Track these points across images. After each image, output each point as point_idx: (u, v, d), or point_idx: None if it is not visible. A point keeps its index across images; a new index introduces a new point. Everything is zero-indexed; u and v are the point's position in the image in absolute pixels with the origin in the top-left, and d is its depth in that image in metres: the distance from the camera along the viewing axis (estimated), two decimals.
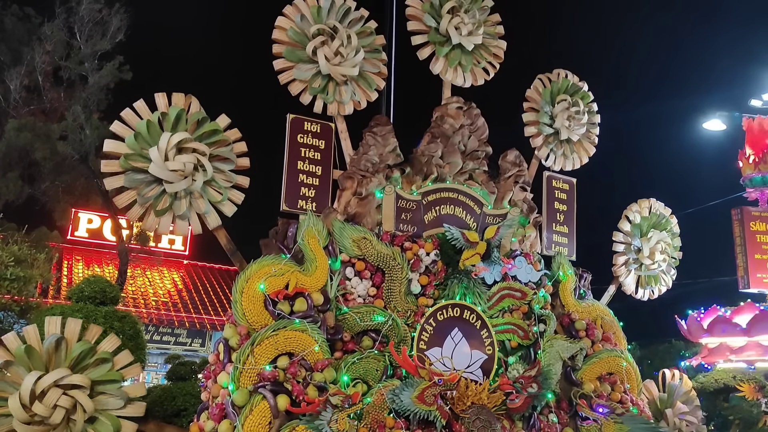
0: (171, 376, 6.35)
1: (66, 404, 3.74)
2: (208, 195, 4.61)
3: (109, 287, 5.52)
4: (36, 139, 11.65)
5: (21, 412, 3.64)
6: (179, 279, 21.19)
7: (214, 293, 20.70)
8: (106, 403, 4.00)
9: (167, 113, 4.44)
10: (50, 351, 3.86)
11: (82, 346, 3.91)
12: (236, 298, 4.26)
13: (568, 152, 6.28)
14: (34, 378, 3.68)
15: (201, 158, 4.43)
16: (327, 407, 3.92)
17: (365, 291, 4.88)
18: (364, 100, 5.41)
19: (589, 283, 6.04)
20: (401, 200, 5.26)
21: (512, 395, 4.60)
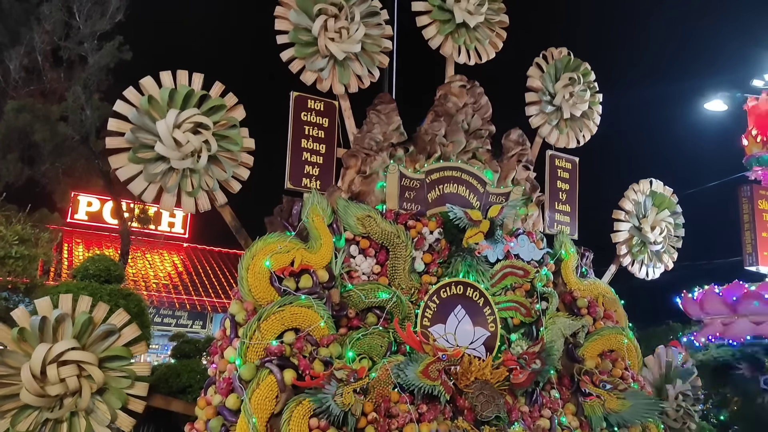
0: (176, 354, 6.41)
1: (70, 372, 3.78)
2: (214, 172, 4.62)
3: (114, 266, 5.55)
4: (35, 121, 11.60)
5: (32, 383, 3.67)
6: (179, 262, 21.23)
7: (214, 275, 20.75)
8: (115, 382, 4.04)
9: (175, 90, 4.43)
10: (58, 325, 3.90)
11: (89, 320, 3.95)
12: (242, 275, 4.29)
13: (570, 129, 6.29)
14: (45, 349, 3.72)
15: (207, 135, 4.44)
16: (332, 381, 3.96)
17: (369, 268, 4.91)
18: (367, 79, 5.40)
19: (590, 261, 6.08)
20: (405, 179, 5.27)
21: (516, 371, 4.65)
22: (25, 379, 3.68)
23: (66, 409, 3.80)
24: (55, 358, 3.76)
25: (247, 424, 3.72)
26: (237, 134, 4.72)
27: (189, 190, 4.58)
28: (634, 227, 6.38)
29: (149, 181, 4.43)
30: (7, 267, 5.35)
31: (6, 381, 3.79)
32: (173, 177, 4.48)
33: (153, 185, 4.50)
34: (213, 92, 4.67)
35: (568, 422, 4.98)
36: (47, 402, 3.77)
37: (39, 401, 3.72)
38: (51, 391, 3.73)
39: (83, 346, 3.94)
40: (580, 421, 5.06)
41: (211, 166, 4.61)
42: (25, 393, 3.70)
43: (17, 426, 3.70)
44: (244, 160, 4.78)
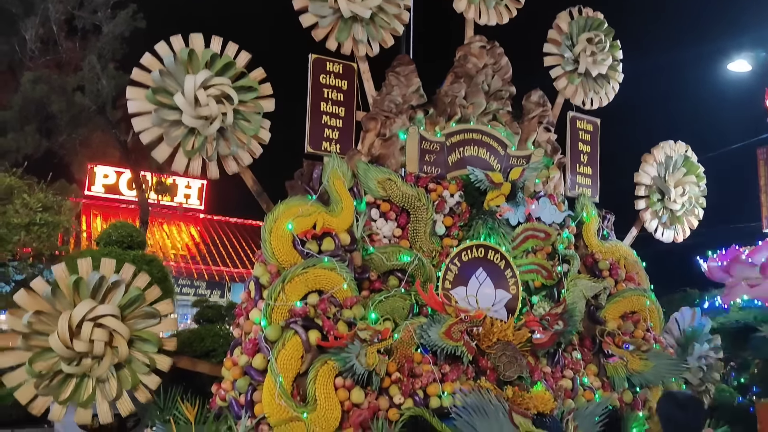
0: (198, 319, 6.48)
1: (101, 336, 3.84)
2: (234, 136, 4.61)
3: (136, 232, 5.60)
4: (52, 92, 11.62)
5: (64, 350, 3.74)
6: (196, 233, 21.41)
7: (231, 246, 20.92)
8: (143, 324, 4.10)
9: (195, 52, 4.41)
10: (95, 289, 3.97)
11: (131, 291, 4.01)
12: (265, 238, 4.31)
13: (591, 88, 6.18)
14: (67, 316, 3.78)
15: (227, 99, 4.42)
16: (355, 341, 3.99)
17: (390, 232, 4.90)
18: (386, 40, 5.32)
19: (612, 224, 6.03)
20: (425, 142, 5.23)
21: (538, 331, 4.66)
22: (54, 345, 3.75)
23: (81, 369, 3.85)
24: (94, 318, 3.82)
25: (274, 383, 3.77)
26: (249, 79, 4.68)
27: (209, 155, 4.57)
28: (656, 189, 6.30)
29: (170, 145, 4.42)
30: (32, 234, 5.42)
31: (45, 321, 3.87)
32: (194, 141, 4.47)
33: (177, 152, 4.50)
34: (233, 56, 4.64)
35: (590, 383, 5.00)
36: (69, 354, 3.83)
37: (65, 352, 3.78)
38: (76, 346, 3.79)
39: (124, 317, 4.03)
40: (602, 382, 5.08)
41: (232, 130, 4.59)
42: (54, 339, 3.76)
43: (34, 364, 3.77)
44: (266, 102, 4.74)
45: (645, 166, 6.33)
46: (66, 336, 3.73)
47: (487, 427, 4.07)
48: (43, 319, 3.88)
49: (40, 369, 3.79)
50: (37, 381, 3.79)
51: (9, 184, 5.72)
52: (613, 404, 4.87)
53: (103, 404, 3.98)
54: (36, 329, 3.87)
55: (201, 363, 4.63)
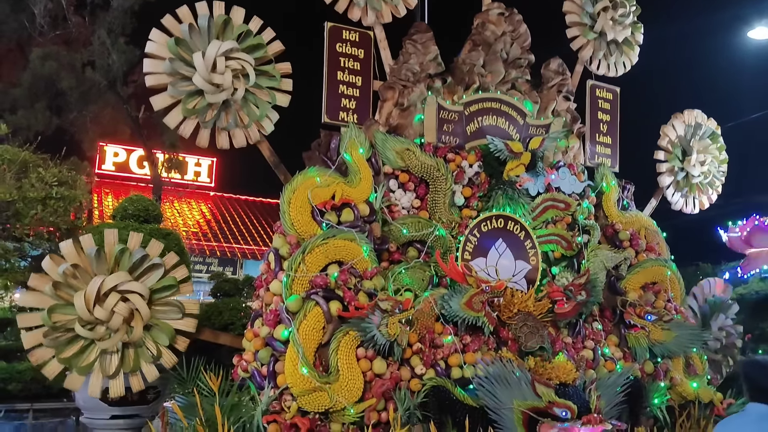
0: (216, 293, 6.48)
1: (123, 310, 3.84)
2: (251, 107, 4.55)
3: (152, 206, 5.55)
4: (61, 68, 11.53)
5: (85, 311, 3.73)
6: (207, 210, 21.42)
7: (242, 223, 20.94)
8: (164, 314, 4.10)
9: (231, 22, 4.36)
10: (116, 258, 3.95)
11: (139, 252, 3.98)
12: (284, 209, 4.26)
13: (612, 55, 6.05)
14: (99, 280, 3.77)
15: (246, 68, 4.35)
16: (376, 311, 3.95)
17: (409, 203, 4.85)
18: (402, 7, 5.21)
19: (632, 194, 5.95)
20: (443, 111, 5.15)
21: (561, 301, 4.62)
22: (78, 306, 3.74)
23: (92, 335, 3.85)
24: (123, 292, 3.82)
25: (296, 353, 3.75)
26: (274, 68, 4.62)
27: (224, 125, 4.52)
28: (677, 158, 6.20)
29: (186, 115, 4.37)
30: (49, 208, 5.40)
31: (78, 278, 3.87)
32: (210, 112, 4.41)
33: (190, 120, 4.44)
34: (267, 41, 4.58)
35: (611, 353, 4.97)
36: (97, 333, 3.83)
37: (84, 314, 3.78)
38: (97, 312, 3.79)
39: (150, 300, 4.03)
40: (623, 352, 5.04)
41: (248, 101, 4.52)
42: (79, 297, 3.77)
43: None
44: (281, 96, 4.68)
45: (669, 130, 6.22)
46: (92, 298, 3.73)
47: (509, 396, 4.04)
48: (78, 276, 3.88)
49: (55, 320, 3.78)
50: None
51: (24, 158, 5.70)
52: (635, 374, 4.84)
53: (117, 378, 4.00)
54: (68, 282, 3.86)
55: (223, 335, 4.62)
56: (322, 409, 3.67)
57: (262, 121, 4.65)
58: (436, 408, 4.08)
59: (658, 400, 4.89)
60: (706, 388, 5.17)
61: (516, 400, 4.01)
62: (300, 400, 3.66)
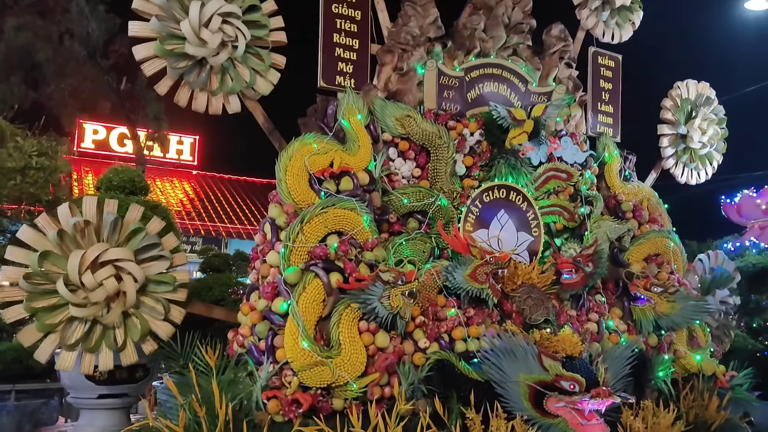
0: (205, 268, 6.26)
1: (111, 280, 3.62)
2: (244, 70, 4.31)
3: (138, 177, 5.31)
4: (37, 39, 11.07)
5: (75, 273, 3.51)
6: (190, 189, 21.07)
7: (226, 202, 20.64)
8: (156, 288, 3.90)
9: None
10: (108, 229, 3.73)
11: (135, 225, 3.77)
12: (280, 177, 4.05)
13: (614, 20, 5.86)
14: (79, 254, 3.55)
15: (238, 30, 4.10)
16: (377, 283, 3.77)
17: (410, 172, 4.66)
18: None
19: (633, 165, 5.82)
20: (443, 76, 4.94)
21: (568, 272, 4.49)
22: (70, 264, 3.52)
23: (91, 312, 3.64)
24: (94, 261, 3.59)
25: (297, 327, 3.57)
26: (267, 32, 4.38)
27: (214, 89, 4.28)
28: (679, 126, 6.08)
29: (173, 76, 4.12)
30: (29, 178, 5.12)
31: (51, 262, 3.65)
32: (197, 72, 4.17)
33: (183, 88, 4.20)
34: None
35: (615, 326, 4.86)
36: (92, 311, 3.62)
37: (83, 311, 3.57)
38: (92, 297, 3.57)
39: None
40: (627, 325, 4.94)
41: (242, 63, 4.28)
42: (60, 283, 3.55)
43: (32, 302, 3.56)
44: (276, 60, 4.44)
45: (666, 102, 6.09)
46: (76, 277, 3.50)
47: (515, 370, 3.91)
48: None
49: (39, 306, 3.56)
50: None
51: (0, 127, 5.40)
52: (639, 347, 4.74)
53: (106, 354, 3.79)
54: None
55: (216, 308, 4.43)
56: (324, 384, 3.51)
57: (254, 86, 4.41)
58: (440, 382, 3.94)
59: (662, 372, 4.79)
60: (709, 360, 5.10)
61: (522, 373, 3.89)
62: (301, 375, 3.49)
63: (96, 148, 20.91)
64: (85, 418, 4.99)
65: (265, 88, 4.40)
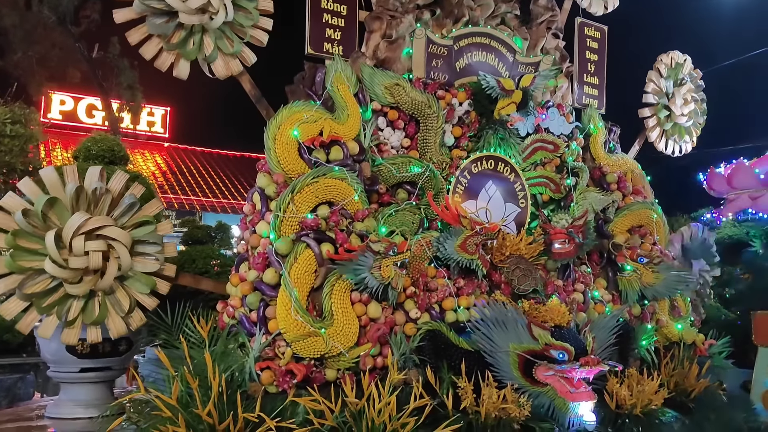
0: (187, 240, 6.15)
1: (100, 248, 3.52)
2: (231, 35, 4.18)
3: (117, 146, 5.15)
4: (2, 4, 10.61)
5: (55, 251, 3.40)
6: (162, 161, 20.67)
7: (199, 175, 20.30)
8: (143, 265, 3.81)
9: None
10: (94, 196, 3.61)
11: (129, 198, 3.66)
12: (269, 146, 3.95)
13: None
14: (80, 219, 3.43)
15: None
16: (367, 254, 3.72)
17: (399, 142, 4.60)
18: None
19: (617, 137, 5.85)
20: (432, 45, 4.87)
21: (561, 242, 4.51)
22: (48, 245, 3.40)
23: (87, 286, 3.55)
24: (89, 232, 3.48)
25: (289, 298, 3.52)
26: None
27: (201, 52, 4.15)
28: (663, 97, 6.12)
29: (153, 33, 3.97)
30: (3, 146, 4.92)
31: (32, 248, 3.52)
32: (179, 34, 4.03)
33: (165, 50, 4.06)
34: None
35: (600, 296, 4.91)
36: (70, 275, 3.51)
37: (61, 272, 3.46)
38: (72, 263, 3.47)
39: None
40: (612, 295, 5.00)
41: (227, 29, 4.15)
42: (48, 263, 3.44)
43: (25, 289, 3.46)
44: (262, 22, 4.32)
45: (651, 74, 6.11)
46: (56, 254, 3.38)
47: (505, 339, 3.93)
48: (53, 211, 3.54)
49: (32, 291, 3.46)
50: (41, 308, 3.47)
51: None
52: (624, 317, 4.81)
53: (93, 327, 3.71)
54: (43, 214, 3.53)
55: (205, 280, 4.35)
56: (318, 354, 3.48)
57: (239, 53, 4.29)
58: (431, 352, 3.94)
59: (645, 341, 4.88)
60: (689, 329, 5.20)
61: (512, 343, 3.91)
62: (295, 346, 3.45)
63: (63, 119, 20.31)
64: (67, 392, 4.91)
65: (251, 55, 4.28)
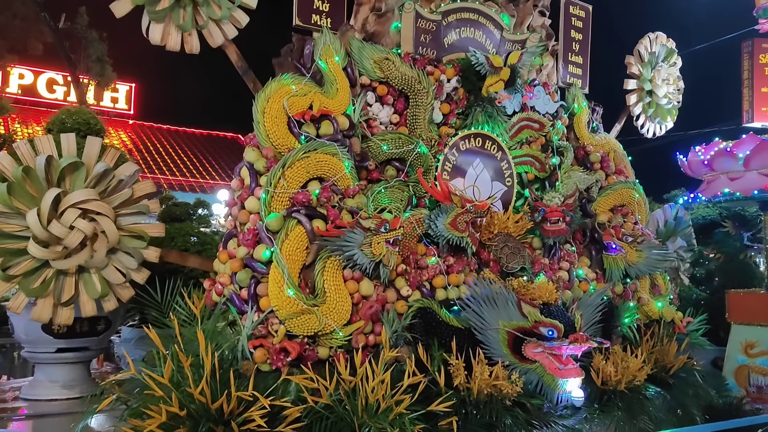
0: (165, 218, 5.98)
1: (85, 228, 3.39)
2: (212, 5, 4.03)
3: (93, 119, 4.95)
4: None
5: (39, 227, 3.26)
6: (127, 139, 20.14)
7: (166, 153, 19.86)
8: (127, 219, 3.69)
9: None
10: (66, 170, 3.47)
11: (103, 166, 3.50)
12: (258, 119, 3.84)
13: None
14: (54, 194, 3.28)
15: None
16: (356, 230, 3.65)
17: (388, 118, 4.53)
18: None
19: (600, 117, 5.87)
20: (421, 20, 4.78)
21: (555, 220, 4.53)
22: (30, 223, 3.25)
23: (75, 261, 3.42)
24: (72, 206, 3.34)
25: (281, 275, 3.45)
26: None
27: (180, 23, 3.99)
28: (645, 80, 6.16)
29: (136, 4, 3.81)
30: None
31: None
32: (163, 2, 3.87)
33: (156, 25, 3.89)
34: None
35: (585, 274, 4.95)
36: (55, 254, 3.37)
37: (45, 253, 3.32)
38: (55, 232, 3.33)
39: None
40: (595, 273, 5.05)
41: None
42: (32, 244, 3.29)
43: (8, 270, 3.32)
44: None
45: (637, 52, 6.15)
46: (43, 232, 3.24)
47: (496, 316, 3.93)
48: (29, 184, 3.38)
49: (16, 272, 3.32)
50: (29, 291, 3.33)
51: None
52: (608, 295, 4.86)
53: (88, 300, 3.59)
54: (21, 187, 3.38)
55: (191, 257, 4.23)
56: (311, 332, 3.42)
57: (224, 23, 4.14)
58: (422, 330, 3.92)
59: (628, 319, 4.95)
60: (669, 307, 5.29)
61: (502, 320, 3.92)
62: (288, 324, 3.38)
63: (22, 93, 19.61)
64: (42, 373, 4.76)
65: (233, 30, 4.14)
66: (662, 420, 4.29)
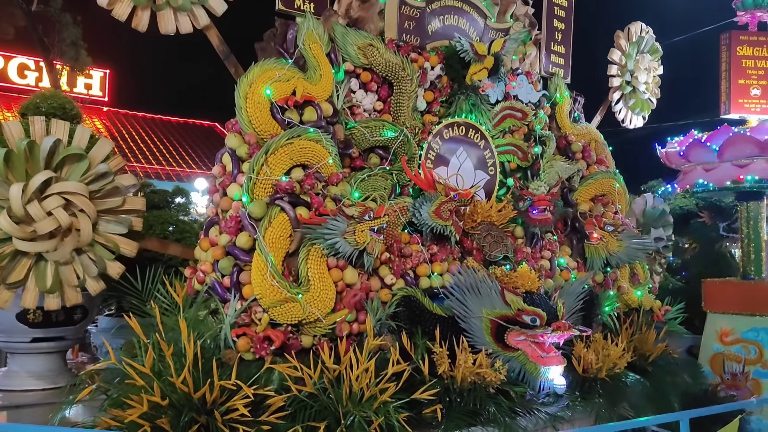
0: None
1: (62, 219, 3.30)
2: None
3: (69, 104, 4.80)
4: None
5: (18, 204, 3.17)
6: (102, 126, 19.78)
7: (141, 141, 19.55)
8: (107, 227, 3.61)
9: None
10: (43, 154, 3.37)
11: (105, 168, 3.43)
12: (240, 105, 3.77)
13: None
14: (46, 176, 3.19)
15: None
16: (339, 218, 3.61)
17: (371, 105, 4.48)
18: None
19: (582, 106, 5.89)
20: (405, 6, 4.73)
21: (542, 209, 4.55)
22: (12, 195, 3.17)
23: (38, 247, 3.33)
24: (58, 194, 3.26)
25: (265, 262, 3.40)
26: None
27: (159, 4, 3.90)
28: (626, 71, 6.20)
29: None
30: None
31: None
32: None
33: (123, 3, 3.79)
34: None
35: (566, 263, 4.98)
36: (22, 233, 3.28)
37: (14, 229, 3.23)
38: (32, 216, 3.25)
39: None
40: (576, 262, 5.08)
41: None
42: (3, 215, 3.21)
43: (9, 279, 3.24)
44: None
45: (615, 47, 6.17)
46: (20, 209, 3.15)
47: (479, 305, 3.94)
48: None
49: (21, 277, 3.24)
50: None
51: None
52: (588, 284, 4.90)
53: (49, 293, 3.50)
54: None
55: (172, 245, 4.15)
56: (295, 320, 3.38)
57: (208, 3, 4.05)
58: (406, 318, 3.91)
59: (608, 307, 4.99)
60: (648, 296, 5.35)
61: (485, 309, 3.93)
62: (272, 312, 3.34)
63: None
64: (17, 363, 4.64)
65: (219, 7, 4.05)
66: (641, 407, 4.34)
